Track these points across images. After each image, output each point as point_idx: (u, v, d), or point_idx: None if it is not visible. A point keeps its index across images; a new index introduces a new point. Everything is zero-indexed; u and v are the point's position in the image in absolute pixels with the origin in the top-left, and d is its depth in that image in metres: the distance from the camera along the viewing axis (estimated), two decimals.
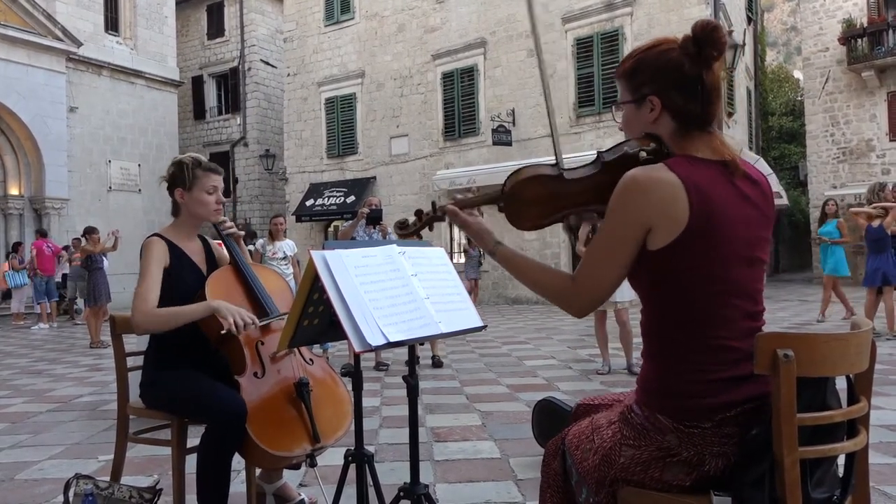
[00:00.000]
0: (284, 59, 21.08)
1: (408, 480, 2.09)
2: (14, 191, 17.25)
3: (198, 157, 2.58)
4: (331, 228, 19.53)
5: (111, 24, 19.53)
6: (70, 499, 2.37)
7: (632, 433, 1.44)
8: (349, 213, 17.17)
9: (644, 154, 1.43)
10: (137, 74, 19.82)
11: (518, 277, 1.54)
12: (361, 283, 1.77)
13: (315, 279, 1.77)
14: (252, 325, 2.30)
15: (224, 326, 2.26)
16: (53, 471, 3.49)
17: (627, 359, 6.05)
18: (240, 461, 2.41)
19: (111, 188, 19.17)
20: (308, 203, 19.10)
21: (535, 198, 1.52)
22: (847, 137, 20.32)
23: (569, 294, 1.45)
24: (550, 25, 15.53)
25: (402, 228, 1.79)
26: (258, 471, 2.66)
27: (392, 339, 1.71)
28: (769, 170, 15.25)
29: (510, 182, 1.53)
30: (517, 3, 16.12)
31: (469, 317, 2.00)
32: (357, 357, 2.18)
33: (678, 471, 1.38)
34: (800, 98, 26.74)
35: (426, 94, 17.65)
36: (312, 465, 2.31)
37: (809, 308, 12.17)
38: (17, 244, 15.22)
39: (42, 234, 14.32)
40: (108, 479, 2.49)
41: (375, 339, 1.68)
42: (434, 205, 1.72)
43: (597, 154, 1.52)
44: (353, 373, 2.17)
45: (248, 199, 23.59)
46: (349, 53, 19.09)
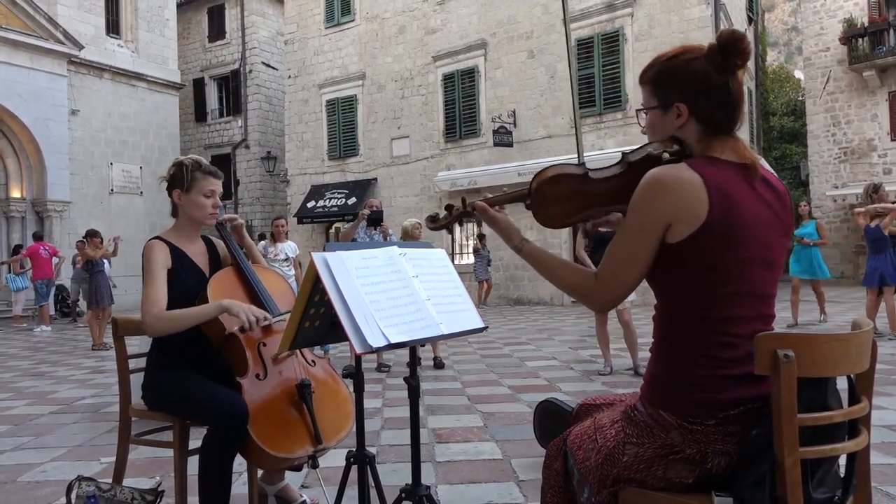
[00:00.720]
0: (285, 62, 21.11)
1: (409, 482, 2.10)
2: (16, 193, 17.27)
3: (198, 160, 2.58)
4: (332, 230, 19.55)
5: (112, 27, 19.56)
6: (72, 501, 2.38)
7: (635, 431, 1.45)
8: (350, 215, 17.18)
9: (667, 155, 1.46)
10: (139, 77, 19.85)
11: (543, 273, 1.58)
12: (362, 285, 1.77)
13: (316, 281, 1.77)
14: (264, 321, 2.31)
15: (234, 325, 2.28)
16: (56, 473, 3.49)
17: (633, 359, 6.03)
18: (241, 463, 2.42)
19: (113, 191, 19.19)
20: (309, 205, 19.12)
21: (561, 196, 1.55)
22: (848, 137, 20.31)
23: (592, 291, 1.49)
24: (551, 26, 15.53)
25: (433, 221, 1.86)
26: (260, 472, 2.66)
27: (393, 341, 1.71)
28: (771, 170, 15.23)
29: (536, 180, 1.57)
30: (517, 5, 16.14)
31: (470, 318, 2.00)
32: (358, 358, 2.18)
33: (681, 468, 1.38)
34: (801, 98, 26.73)
35: (427, 96, 17.66)
36: (314, 467, 2.31)
37: (811, 308, 12.16)
38: (18, 246, 15.23)
39: (38, 238, 14.31)
40: (111, 481, 2.50)
41: (376, 341, 1.68)
42: (464, 200, 1.76)
43: (621, 155, 1.54)
44: (355, 374, 2.17)
45: (250, 202, 23.61)
46: (350, 55, 19.11)
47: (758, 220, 1.39)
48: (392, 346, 1.71)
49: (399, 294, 1.85)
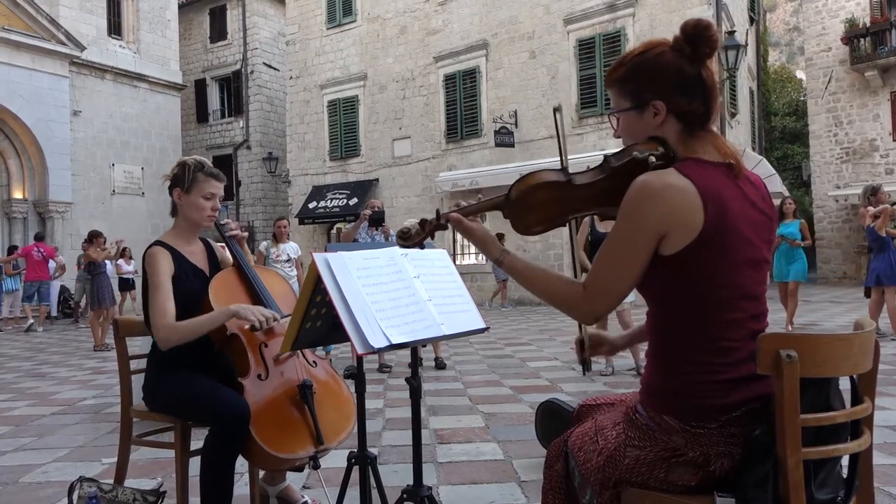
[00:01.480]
0: (287, 62, 21.12)
1: (411, 482, 2.09)
2: (18, 194, 17.30)
3: (202, 161, 2.59)
4: (333, 231, 19.56)
5: (114, 28, 19.59)
6: (74, 501, 2.38)
7: (637, 434, 1.44)
8: (352, 216, 17.19)
9: (653, 159, 1.40)
10: (140, 78, 19.88)
11: (526, 286, 1.51)
12: (364, 286, 1.77)
13: (317, 281, 1.77)
14: (273, 320, 2.31)
15: (245, 325, 2.28)
16: (57, 474, 3.49)
17: (635, 360, 6.04)
18: (243, 463, 2.41)
19: (115, 191, 19.22)
20: (311, 205, 19.13)
21: (541, 203, 1.49)
22: (850, 137, 20.30)
23: (580, 302, 1.42)
24: (552, 27, 15.54)
25: (405, 239, 1.70)
26: (261, 473, 2.66)
27: (394, 341, 1.71)
28: (772, 170, 15.21)
29: (516, 189, 1.50)
30: (518, 5, 16.14)
31: (471, 319, 2.00)
32: (360, 359, 2.18)
33: (683, 471, 1.38)
34: (803, 98, 26.70)
35: (428, 97, 17.67)
36: (316, 468, 2.31)
37: (812, 308, 12.15)
38: (13, 247, 15.22)
39: (38, 238, 14.29)
40: (112, 482, 2.50)
41: (378, 341, 1.68)
42: (438, 213, 1.66)
43: (603, 158, 1.48)
44: (356, 375, 2.17)
45: (251, 202, 23.62)
46: (351, 56, 19.12)
47: (746, 222, 1.37)
48: (393, 347, 1.71)
49: (400, 295, 1.85)
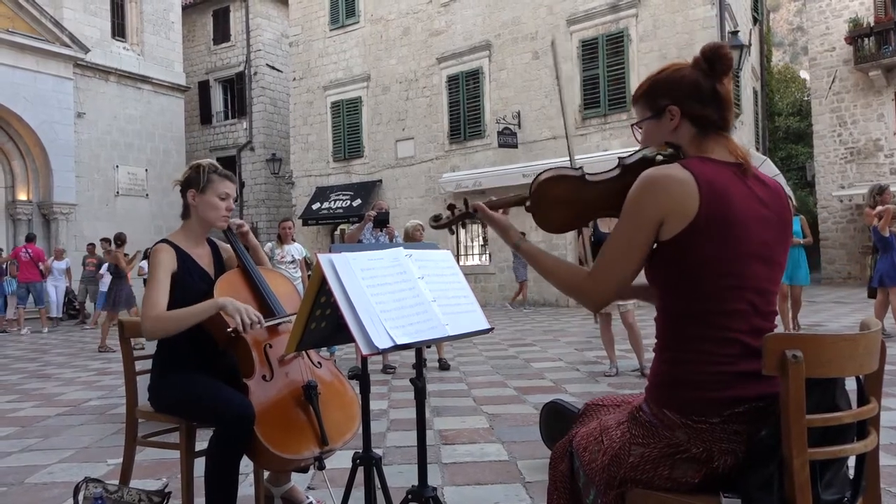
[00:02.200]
0: (290, 64, 21.15)
1: (416, 483, 2.10)
2: (22, 196, 17.34)
3: (214, 163, 2.61)
4: (337, 232, 19.56)
5: (118, 30, 19.63)
6: (79, 502, 2.38)
7: (641, 432, 1.46)
8: (355, 217, 17.20)
9: (661, 157, 1.50)
10: (144, 80, 19.91)
11: (539, 271, 1.63)
12: (368, 286, 1.77)
13: (322, 282, 1.78)
14: (258, 325, 2.30)
15: (230, 325, 2.27)
16: (63, 474, 3.50)
17: (639, 360, 6.02)
18: (248, 464, 2.42)
19: (118, 193, 19.26)
20: (314, 206, 19.14)
21: (559, 199, 1.60)
22: (854, 137, 20.24)
23: (585, 288, 1.52)
24: (555, 28, 15.53)
25: (436, 221, 1.91)
26: (266, 473, 2.67)
27: (399, 342, 1.71)
28: (776, 170, 15.17)
29: (535, 182, 1.61)
30: (522, 6, 16.14)
31: (476, 319, 2.00)
32: (364, 360, 2.18)
33: (687, 468, 1.39)
34: (806, 98, 26.65)
35: (431, 98, 17.67)
36: (321, 468, 2.31)
37: (817, 309, 12.12)
38: None
39: (29, 239, 14.29)
40: (118, 483, 2.50)
41: (382, 342, 1.68)
42: (466, 202, 1.81)
43: (618, 160, 1.58)
44: (361, 375, 2.17)
45: (255, 203, 23.66)
46: (354, 57, 19.14)
47: (752, 216, 1.41)
48: (398, 348, 1.71)
49: (405, 295, 1.85)
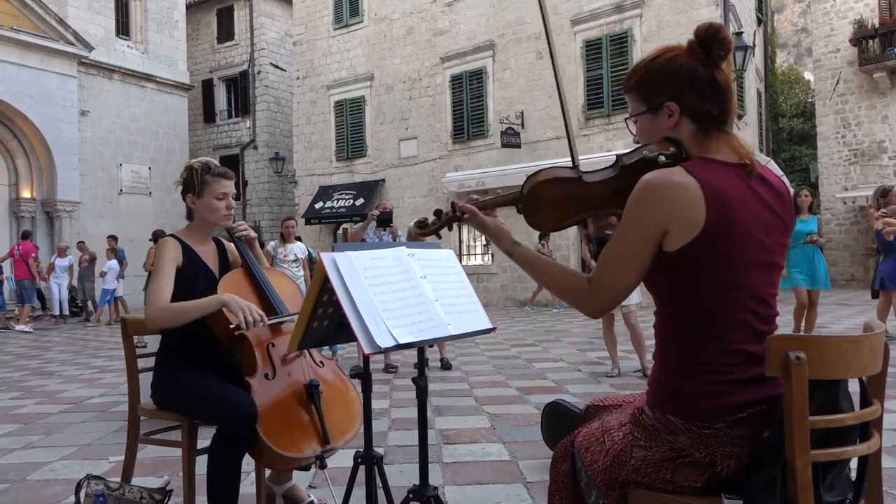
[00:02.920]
0: (294, 63, 21.16)
1: (417, 482, 2.10)
2: (26, 194, 17.38)
3: (208, 162, 2.59)
4: (339, 231, 19.58)
5: (122, 29, 19.66)
6: (81, 499, 2.39)
7: (643, 434, 1.44)
8: (358, 216, 17.21)
9: (662, 158, 1.42)
10: (148, 78, 19.94)
11: (535, 277, 1.57)
12: (371, 285, 1.77)
13: (324, 281, 1.78)
14: (261, 322, 2.31)
15: (232, 322, 2.28)
16: (65, 471, 3.51)
17: (641, 361, 6.01)
18: (249, 462, 2.42)
19: (122, 191, 19.29)
20: (317, 206, 19.15)
21: (554, 200, 1.52)
22: (858, 139, 20.19)
23: (585, 295, 1.46)
24: (559, 27, 15.52)
25: (422, 227, 1.80)
26: (267, 472, 2.67)
27: (401, 341, 1.71)
28: (780, 171, 15.14)
29: (528, 184, 1.54)
30: (526, 6, 16.12)
31: (478, 319, 2.00)
32: (366, 359, 2.18)
33: (689, 472, 1.37)
34: (810, 100, 26.58)
35: (435, 97, 17.67)
36: (322, 467, 2.31)
37: (821, 311, 12.05)
38: None
39: (24, 237, 14.27)
40: (119, 480, 2.50)
41: (385, 341, 1.68)
42: (454, 205, 1.72)
43: (616, 157, 1.51)
44: (363, 375, 2.17)
45: (258, 202, 23.68)
46: (358, 56, 19.15)
47: (756, 223, 1.36)
48: (400, 347, 1.71)
49: (407, 294, 1.85)
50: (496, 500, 2.92)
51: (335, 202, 18.79)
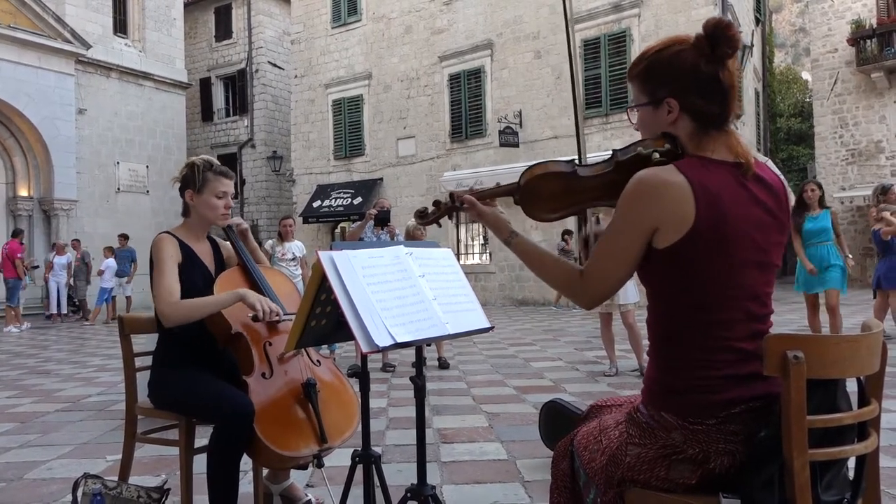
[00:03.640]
0: (292, 61, 21.15)
1: (415, 481, 2.09)
2: (23, 192, 17.36)
3: (210, 160, 2.59)
4: (337, 230, 19.57)
5: (120, 27, 19.63)
6: (78, 498, 2.38)
7: (637, 432, 1.45)
8: (356, 215, 17.20)
9: (657, 155, 1.44)
10: (146, 76, 19.92)
11: (531, 268, 1.60)
12: (369, 284, 1.77)
13: (322, 280, 1.77)
14: (276, 315, 2.32)
15: (248, 313, 2.31)
16: (62, 470, 3.51)
17: (638, 360, 6.02)
18: (247, 461, 2.42)
19: (119, 189, 19.27)
20: (315, 204, 19.14)
21: (549, 192, 1.57)
22: (856, 139, 20.21)
23: (577, 287, 1.49)
24: (557, 27, 15.51)
25: (422, 217, 1.82)
26: (265, 471, 2.66)
27: (399, 340, 1.71)
28: (777, 171, 15.16)
29: (525, 176, 1.58)
30: (523, 5, 16.13)
31: (476, 318, 2.00)
32: (364, 358, 2.18)
33: (683, 469, 1.38)
34: (808, 99, 26.61)
35: (433, 96, 17.67)
36: (319, 466, 2.31)
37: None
38: None
39: (13, 235, 14.21)
40: (117, 479, 2.50)
41: (383, 340, 1.68)
42: (452, 195, 1.74)
43: (612, 153, 1.54)
44: (360, 374, 2.17)
45: (256, 201, 23.66)
46: (356, 55, 19.13)
47: (750, 223, 1.37)
48: (398, 346, 1.71)
49: (405, 293, 1.85)
50: (494, 499, 2.92)
51: (333, 201, 18.78)
